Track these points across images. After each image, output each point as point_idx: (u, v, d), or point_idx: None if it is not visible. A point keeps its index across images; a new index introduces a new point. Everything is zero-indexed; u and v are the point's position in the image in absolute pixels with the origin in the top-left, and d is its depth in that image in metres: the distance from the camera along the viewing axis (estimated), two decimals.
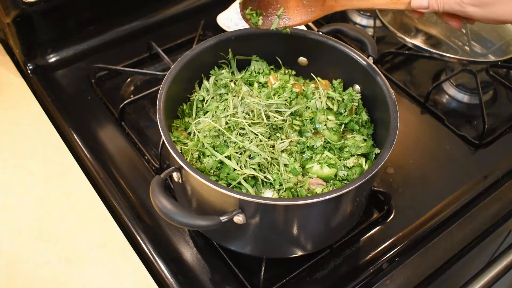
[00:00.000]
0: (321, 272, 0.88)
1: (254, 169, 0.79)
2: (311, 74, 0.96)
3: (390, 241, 0.92)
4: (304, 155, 0.84)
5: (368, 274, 0.88)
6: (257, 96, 0.88)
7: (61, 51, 1.20)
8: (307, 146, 0.84)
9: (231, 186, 0.78)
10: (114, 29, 1.25)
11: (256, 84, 0.93)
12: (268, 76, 0.94)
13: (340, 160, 0.83)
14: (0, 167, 0.97)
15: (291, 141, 0.84)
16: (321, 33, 0.92)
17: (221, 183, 0.78)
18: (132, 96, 1.14)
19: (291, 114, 0.88)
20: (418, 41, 1.16)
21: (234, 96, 0.88)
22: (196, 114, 0.90)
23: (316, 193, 0.80)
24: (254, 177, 0.79)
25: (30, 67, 1.17)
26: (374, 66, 0.86)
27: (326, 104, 0.90)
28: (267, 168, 0.80)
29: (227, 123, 0.84)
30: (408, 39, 1.16)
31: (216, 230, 0.77)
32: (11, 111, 1.07)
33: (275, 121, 0.85)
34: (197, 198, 0.79)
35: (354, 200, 0.80)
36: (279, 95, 0.90)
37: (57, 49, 1.20)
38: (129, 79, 1.19)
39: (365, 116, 0.89)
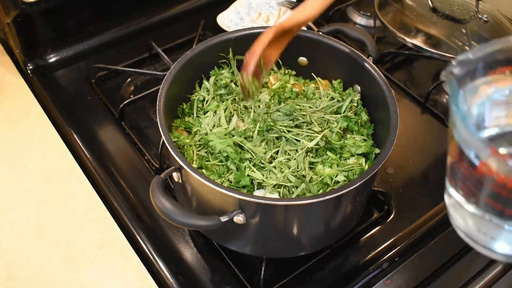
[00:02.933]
0: (321, 272, 0.88)
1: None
2: (311, 74, 0.96)
3: (390, 241, 0.92)
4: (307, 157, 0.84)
5: (368, 274, 0.88)
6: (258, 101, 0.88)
7: (61, 51, 1.20)
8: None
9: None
10: (114, 29, 1.25)
11: None
12: (268, 76, 0.94)
13: (340, 160, 0.83)
14: (0, 167, 0.97)
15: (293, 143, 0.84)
16: (321, 33, 0.92)
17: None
18: (132, 96, 1.14)
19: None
20: (418, 41, 1.16)
21: (235, 103, 0.88)
22: (196, 114, 0.90)
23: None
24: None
25: (30, 67, 1.17)
26: (374, 66, 0.86)
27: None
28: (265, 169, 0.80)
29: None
30: (408, 39, 1.16)
31: (216, 230, 0.77)
32: (11, 111, 1.07)
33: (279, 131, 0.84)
34: (197, 198, 0.79)
35: (354, 200, 0.80)
36: (279, 96, 0.90)
37: (57, 49, 1.20)
38: (129, 79, 1.19)
39: (365, 116, 0.89)
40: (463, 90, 0.59)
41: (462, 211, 0.60)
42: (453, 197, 0.61)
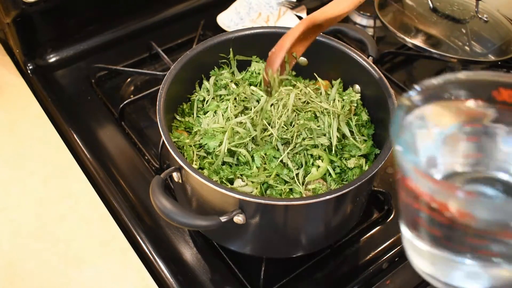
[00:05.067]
0: (321, 272, 0.88)
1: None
2: (312, 74, 0.96)
3: (390, 241, 0.92)
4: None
5: (368, 274, 0.88)
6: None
7: (61, 51, 1.20)
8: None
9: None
10: (114, 29, 1.25)
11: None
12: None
13: (340, 160, 0.83)
14: (0, 167, 0.97)
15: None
16: (321, 33, 0.92)
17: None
18: (132, 96, 1.14)
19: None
20: (418, 41, 1.16)
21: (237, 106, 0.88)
22: (196, 114, 0.90)
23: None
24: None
25: (30, 67, 1.17)
26: (374, 66, 0.86)
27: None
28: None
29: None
30: (408, 39, 1.16)
31: (216, 230, 0.77)
32: (11, 111, 1.07)
33: (283, 133, 0.84)
34: (197, 198, 0.79)
35: (354, 200, 0.80)
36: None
37: (57, 49, 1.20)
38: (129, 79, 1.19)
39: (365, 116, 0.89)
40: (416, 117, 0.55)
41: (411, 245, 0.56)
42: (403, 233, 0.57)
